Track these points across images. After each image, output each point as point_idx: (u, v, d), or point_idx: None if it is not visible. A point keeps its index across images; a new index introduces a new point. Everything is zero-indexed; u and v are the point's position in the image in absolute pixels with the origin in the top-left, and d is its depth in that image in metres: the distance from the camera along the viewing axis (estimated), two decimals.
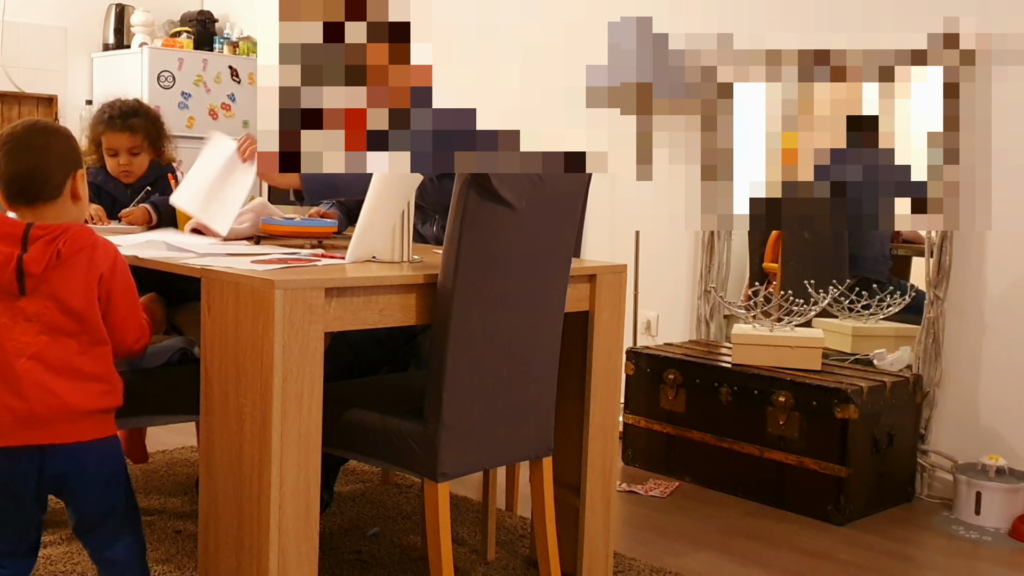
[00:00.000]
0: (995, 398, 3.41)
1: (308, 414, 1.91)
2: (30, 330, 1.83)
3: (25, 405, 1.82)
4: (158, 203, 2.92)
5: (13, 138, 1.90)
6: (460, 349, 2.06)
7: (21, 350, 1.83)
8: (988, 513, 3.21)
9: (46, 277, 1.83)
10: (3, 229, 1.85)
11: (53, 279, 1.84)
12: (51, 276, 1.83)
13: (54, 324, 1.84)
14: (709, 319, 4.10)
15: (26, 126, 1.93)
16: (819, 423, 3.28)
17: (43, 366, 1.83)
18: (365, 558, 2.72)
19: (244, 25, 5.98)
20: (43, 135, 1.91)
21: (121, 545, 1.96)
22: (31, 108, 5.55)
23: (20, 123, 1.93)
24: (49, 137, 1.92)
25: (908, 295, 3.67)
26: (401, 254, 2.22)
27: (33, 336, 1.83)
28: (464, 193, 2.02)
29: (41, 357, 1.83)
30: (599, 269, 2.51)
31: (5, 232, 1.84)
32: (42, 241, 1.84)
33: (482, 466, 2.25)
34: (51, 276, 1.83)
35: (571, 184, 2.24)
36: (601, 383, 2.53)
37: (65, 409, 1.84)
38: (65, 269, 1.85)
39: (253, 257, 2.17)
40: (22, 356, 1.82)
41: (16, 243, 1.83)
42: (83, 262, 1.87)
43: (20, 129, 1.91)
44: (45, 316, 1.84)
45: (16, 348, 1.83)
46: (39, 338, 1.83)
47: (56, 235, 1.85)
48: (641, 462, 3.75)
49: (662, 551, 2.93)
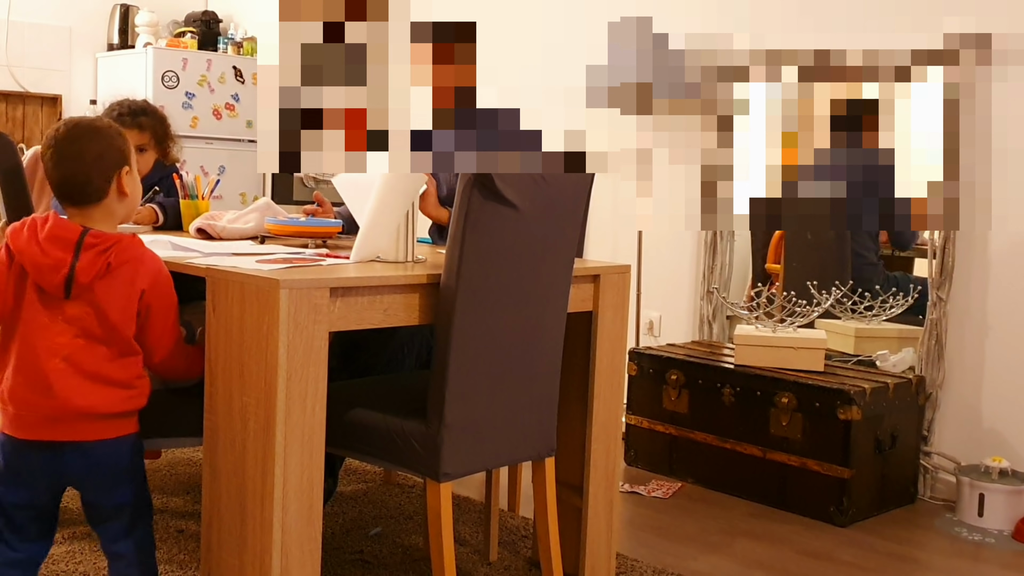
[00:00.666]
0: (998, 400, 3.41)
1: (312, 414, 1.92)
2: (67, 332, 1.86)
3: (52, 404, 1.85)
4: (165, 204, 2.93)
5: (55, 143, 1.92)
6: (463, 349, 2.06)
7: (55, 351, 1.86)
8: (991, 515, 3.21)
9: (91, 286, 1.86)
10: (58, 233, 1.86)
11: (97, 288, 1.87)
12: (96, 285, 1.86)
13: (90, 330, 1.87)
14: (712, 320, 4.11)
15: (66, 130, 1.93)
16: (822, 424, 3.28)
17: (74, 368, 1.86)
18: (367, 558, 2.72)
19: (248, 25, 5.99)
20: (77, 141, 1.91)
21: (130, 540, 1.97)
22: (35, 108, 5.56)
23: (63, 124, 1.94)
24: (84, 143, 1.91)
25: (912, 294, 3.67)
26: (405, 254, 2.22)
27: (69, 338, 1.86)
28: (467, 193, 2.02)
29: (73, 359, 1.86)
30: (603, 269, 2.51)
31: (60, 236, 1.86)
32: (95, 251, 1.86)
33: (484, 466, 2.25)
34: (96, 285, 1.86)
35: (574, 184, 2.25)
36: (604, 383, 2.53)
37: (91, 412, 1.87)
38: (110, 280, 1.88)
39: (258, 256, 2.17)
40: (55, 357, 1.86)
41: (69, 249, 1.85)
42: (127, 275, 1.89)
43: (61, 133, 1.92)
44: (83, 321, 1.87)
45: (50, 348, 1.86)
46: (74, 341, 1.87)
47: (108, 246, 1.87)
48: (643, 463, 3.75)
49: (664, 552, 2.93)
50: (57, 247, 1.85)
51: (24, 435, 1.88)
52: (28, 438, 1.88)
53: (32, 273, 1.85)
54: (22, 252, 1.85)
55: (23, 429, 1.88)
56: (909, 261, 3.91)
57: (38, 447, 1.88)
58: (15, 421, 1.88)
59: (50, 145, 1.92)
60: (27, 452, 1.89)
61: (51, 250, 1.84)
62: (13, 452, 1.90)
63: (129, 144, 1.98)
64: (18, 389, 1.87)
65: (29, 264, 1.85)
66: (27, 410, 1.87)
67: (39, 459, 1.89)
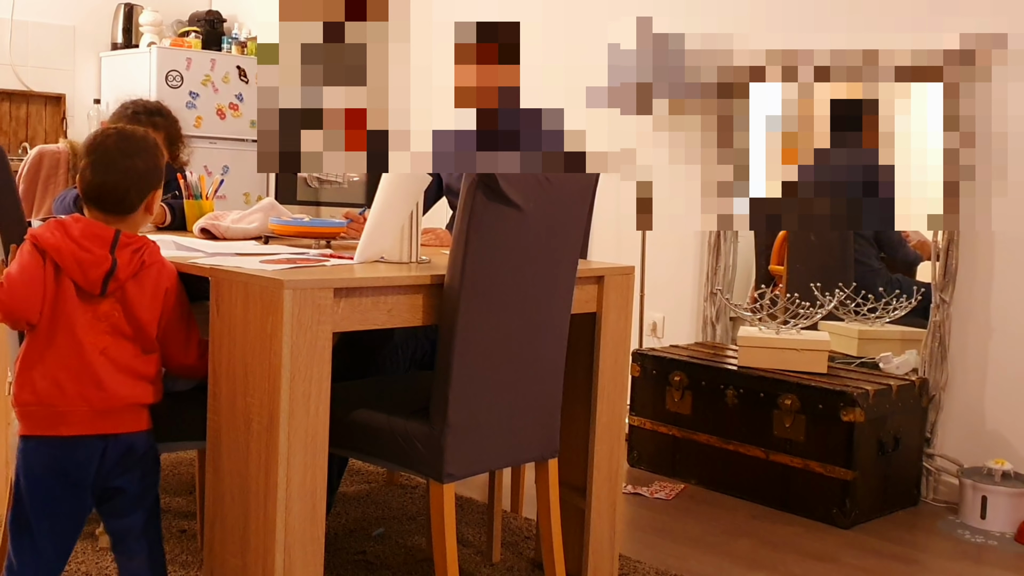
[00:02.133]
0: (1001, 402, 3.41)
1: (315, 414, 1.92)
2: (99, 328, 1.90)
3: (102, 395, 1.88)
4: (173, 205, 2.94)
5: (104, 151, 1.93)
6: (467, 350, 2.06)
7: (96, 345, 1.89)
8: (994, 517, 3.21)
9: (124, 284, 1.90)
10: (95, 231, 1.90)
11: (128, 286, 1.91)
12: (128, 284, 1.91)
13: (119, 327, 1.91)
14: (715, 321, 4.10)
15: (118, 139, 1.94)
16: (825, 426, 3.28)
17: (111, 362, 1.90)
18: (370, 558, 2.72)
19: (252, 25, 5.99)
20: (128, 156, 1.93)
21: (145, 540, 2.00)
22: (39, 107, 5.56)
23: (115, 133, 1.95)
24: (136, 159, 1.93)
25: (915, 297, 3.67)
26: (409, 255, 2.22)
27: (102, 334, 1.90)
28: (471, 194, 2.02)
29: (109, 354, 1.90)
30: (607, 271, 2.51)
31: (97, 235, 1.90)
32: (129, 249, 1.91)
33: (488, 467, 2.25)
34: (128, 284, 1.91)
35: (578, 185, 2.24)
36: (608, 385, 2.53)
37: (131, 402, 1.92)
38: (141, 279, 1.93)
39: (262, 257, 2.17)
40: (96, 350, 1.89)
41: (106, 246, 1.89)
42: (154, 276, 1.95)
43: (112, 142, 1.93)
44: (112, 318, 1.91)
45: (93, 343, 1.89)
46: (106, 337, 1.90)
47: (140, 246, 1.93)
48: (646, 464, 3.75)
49: (667, 553, 2.93)
50: (96, 244, 1.88)
51: (74, 431, 1.88)
52: (77, 433, 1.88)
53: (71, 269, 1.86)
54: (58, 249, 1.86)
55: (72, 425, 1.87)
56: (911, 266, 3.91)
57: (87, 442, 1.89)
58: (62, 419, 1.87)
59: (97, 150, 1.93)
60: (74, 448, 1.88)
61: (91, 247, 1.87)
62: (62, 451, 1.88)
63: (164, 164, 2.03)
64: (67, 385, 1.87)
65: (69, 260, 1.86)
66: (76, 405, 1.87)
67: (86, 454, 1.89)
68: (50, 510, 1.89)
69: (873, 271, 3.92)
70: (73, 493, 1.90)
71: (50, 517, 1.90)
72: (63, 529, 1.92)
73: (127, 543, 1.99)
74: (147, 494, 1.98)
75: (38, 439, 1.88)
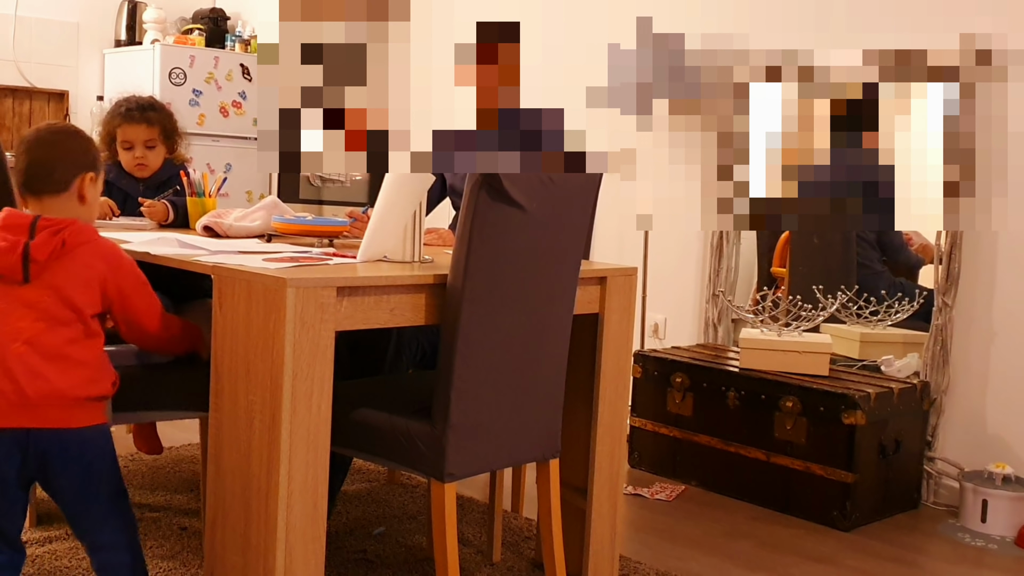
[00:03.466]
0: (1002, 406, 3.40)
1: (317, 413, 1.92)
2: (27, 316, 1.88)
3: (16, 388, 1.86)
4: (176, 202, 2.94)
5: (32, 135, 2.00)
6: (469, 350, 2.06)
7: (16, 335, 1.87)
8: (994, 521, 3.21)
9: (49, 266, 1.89)
10: (12, 220, 1.93)
11: (55, 269, 1.89)
12: (53, 266, 1.89)
13: (51, 312, 1.89)
14: (717, 323, 4.10)
15: (47, 125, 2.04)
16: (826, 429, 3.28)
17: (35, 351, 1.87)
18: (371, 557, 2.72)
19: (256, 23, 5.99)
20: (57, 134, 2.01)
21: (107, 529, 1.97)
22: (42, 104, 5.56)
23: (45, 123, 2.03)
24: (62, 136, 2.01)
25: (917, 300, 3.67)
26: (412, 254, 2.22)
27: (30, 322, 1.88)
28: (475, 194, 2.02)
29: (35, 343, 1.87)
30: (609, 271, 2.51)
31: (14, 223, 1.92)
32: (48, 231, 1.90)
33: (489, 467, 2.25)
34: (53, 266, 1.89)
35: (582, 186, 2.24)
36: (610, 386, 2.53)
37: (55, 393, 1.88)
38: (67, 260, 1.91)
39: (265, 255, 2.17)
40: (16, 341, 1.87)
41: (23, 232, 1.90)
42: (85, 256, 1.93)
43: (42, 127, 2.02)
44: (43, 304, 1.89)
45: (11, 333, 1.87)
46: (35, 324, 1.88)
47: (61, 227, 1.92)
48: (647, 465, 3.75)
49: (667, 555, 2.93)
50: (11, 232, 1.89)
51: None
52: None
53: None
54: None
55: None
56: (913, 271, 3.90)
57: (4, 436, 1.87)
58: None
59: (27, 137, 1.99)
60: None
61: (5, 235, 1.89)
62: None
63: (102, 160, 2.06)
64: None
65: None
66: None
67: (5, 448, 1.88)
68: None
69: (876, 274, 3.91)
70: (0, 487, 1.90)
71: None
72: None
73: (91, 545, 1.97)
74: (95, 492, 1.94)
75: None
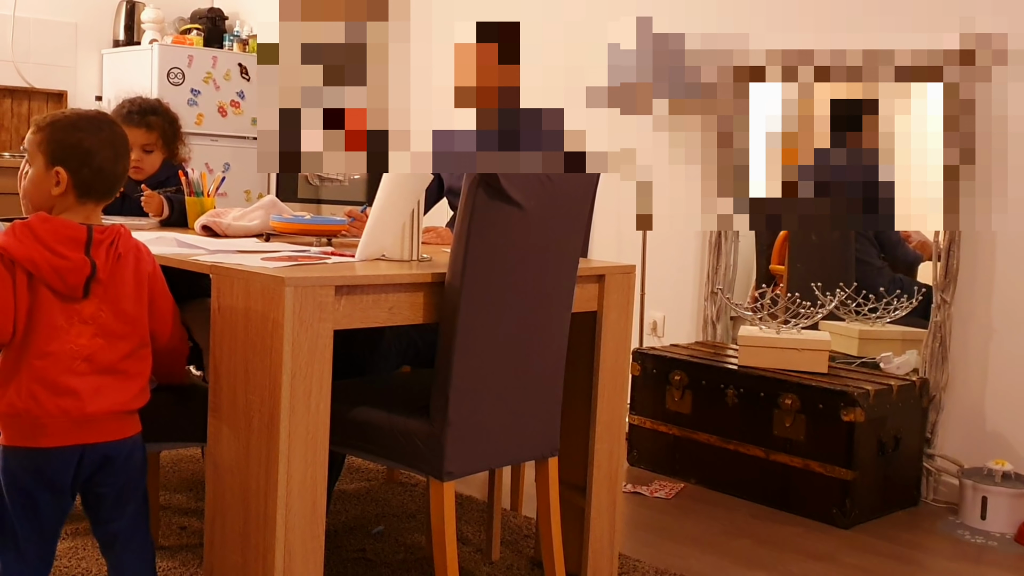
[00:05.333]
0: (1002, 402, 3.41)
1: (316, 412, 1.92)
2: (86, 332, 1.83)
3: (78, 406, 1.82)
4: (173, 200, 2.94)
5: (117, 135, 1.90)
6: (467, 348, 2.06)
7: (77, 352, 1.82)
8: (994, 518, 3.21)
9: (104, 280, 1.84)
10: (67, 233, 1.82)
11: (108, 282, 1.85)
12: (107, 279, 1.85)
13: (109, 327, 1.85)
14: (715, 320, 4.10)
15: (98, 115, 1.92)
16: (825, 426, 3.28)
17: (95, 368, 1.84)
18: (369, 556, 2.72)
19: (254, 23, 5.99)
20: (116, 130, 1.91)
21: (138, 533, 1.96)
22: (40, 104, 5.56)
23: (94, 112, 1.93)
24: (118, 132, 1.93)
25: (916, 297, 3.67)
26: (411, 253, 2.22)
27: (88, 339, 1.83)
28: (473, 193, 2.02)
29: (94, 360, 1.84)
30: (608, 269, 2.51)
31: (69, 236, 1.82)
32: (104, 245, 1.84)
33: (488, 465, 2.25)
34: (107, 279, 1.85)
35: (580, 184, 2.25)
36: (608, 384, 2.53)
37: (113, 409, 1.86)
38: (120, 271, 1.87)
39: (263, 254, 2.17)
40: (77, 359, 1.82)
41: (81, 247, 1.82)
42: (132, 263, 1.89)
43: (93, 116, 1.90)
44: (101, 318, 1.84)
45: (72, 351, 1.82)
46: (94, 340, 1.84)
47: (113, 237, 1.86)
48: (646, 463, 3.75)
49: (667, 552, 2.93)
50: (70, 247, 1.81)
51: (51, 443, 1.82)
52: (55, 445, 1.82)
53: (49, 278, 1.79)
54: (31, 260, 1.78)
55: (49, 437, 1.82)
56: (911, 267, 3.90)
57: (64, 453, 1.83)
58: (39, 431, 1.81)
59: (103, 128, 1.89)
60: (52, 458, 1.83)
61: (66, 252, 1.80)
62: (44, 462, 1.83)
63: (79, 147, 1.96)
64: (44, 397, 1.80)
65: (46, 269, 1.79)
66: (52, 417, 1.81)
67: (63, 463, 1.84)
68: (32, 516, 1.85)
69: (875, 270, 3.91)
70: (54, 497, 1.86)
71: (32, 522, 1.86)
72: (46, 532, 1.88)
73: (115, 545, 1.96)
74: (130, 497, 1.93)
75: (16, 449, 1.83)
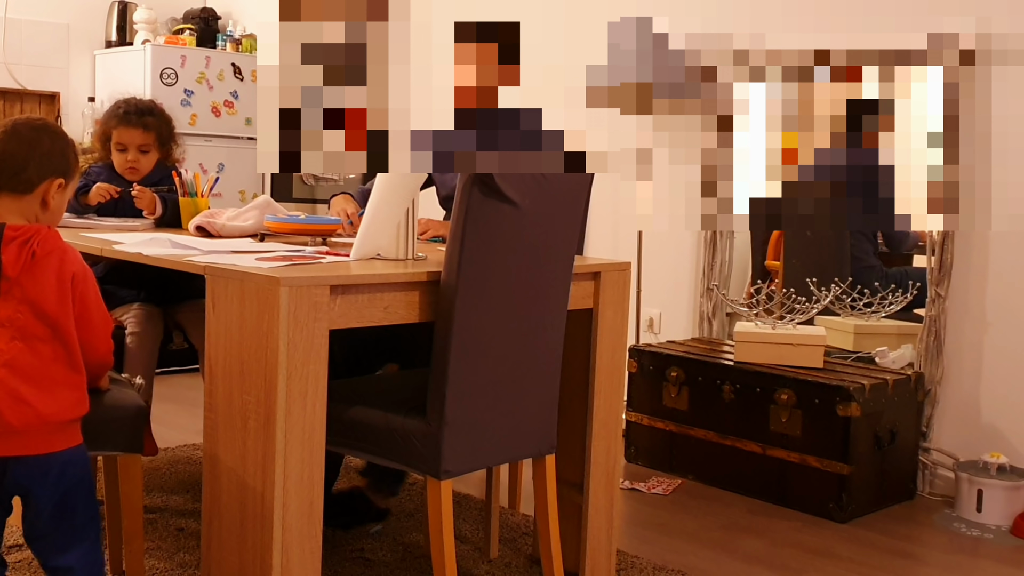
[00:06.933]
0: (997, 396, 3.41)
1: (312, 411, 1.92)
2: (2, 336, 1.74)
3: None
4: (167, 199, 2.94)
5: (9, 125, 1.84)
6: (463, 346, 2.06)
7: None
8: (989, 510, 3.22)
9: (19, 280, 1.75)
10: None
11: (25, 282, 1.75)
12: (24, 279, 1.75)
13: (27, 329, 1.75)
14: (712, 317, 4.11)
15: (27, 119, 1.87)
16: (821, 421, 3.28)
17: (15, 374, 1.73)
18: (368, 556, 2.72)
19: (247, 22, 5.98)
20: (38, 130, 1.85)
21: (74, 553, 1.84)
22: (33, 105, 5.54)
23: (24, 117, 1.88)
24: (43, 134, 1.85)
25: (910, 292, 3.67)
26: (406, 252, 2.22)
27: (6, 343, 1.74)
28: (467, 191, 2.02)
29: (14, 365, 1.73)
30: (603, 267, 2.51)
31: None
32: (16, 242, 1.75)
33: (485, 464, 2.25)
34: (24, 279, 1.75)
35: (574, 182, 2.25)
36: (605, 380, 2.53)
37: (38, 420, 1.75)
38: (38, 271, 1.76)
39: (258, 254, 2.17)
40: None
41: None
42: (55, 264, 1.79)
43: (22, 120, 1.86)
44: (18, 321, 1.75)
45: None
46: (12, 344, 1.74)
47: (29, 236, 1.77)
48: (643, 460, 3.76)
49: (665, 549, 2.93)
50: None
51: None
52: None
53: None
54: None
55: None
56: (909, 256, 3.91)
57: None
58: None
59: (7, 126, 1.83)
60: None
61: None
62: None
63: (78, 167, 1.91)
64: None
65: None
66: None
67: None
68: None
69: (869, 267, 3.92)
70: None
71: None
72: None
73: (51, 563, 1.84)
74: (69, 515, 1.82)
75: None
